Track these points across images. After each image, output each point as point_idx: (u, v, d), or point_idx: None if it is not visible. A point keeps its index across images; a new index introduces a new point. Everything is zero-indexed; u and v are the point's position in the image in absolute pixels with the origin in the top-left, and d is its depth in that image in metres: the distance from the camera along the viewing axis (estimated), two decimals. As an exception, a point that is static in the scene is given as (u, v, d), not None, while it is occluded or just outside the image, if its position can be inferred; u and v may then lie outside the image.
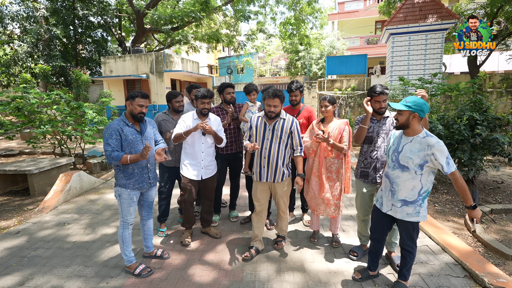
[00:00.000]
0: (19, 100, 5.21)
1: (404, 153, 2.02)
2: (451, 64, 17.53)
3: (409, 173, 2.00)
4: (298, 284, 2.31)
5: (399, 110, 1.99)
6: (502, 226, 3.33)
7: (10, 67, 14.14)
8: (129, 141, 2.35)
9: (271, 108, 2.50)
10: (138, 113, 2.35)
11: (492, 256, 2.74)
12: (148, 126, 2.52)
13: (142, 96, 2.37)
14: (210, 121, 2.83)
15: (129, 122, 2.39)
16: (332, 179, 2.75)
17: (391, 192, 2.11)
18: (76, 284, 2.34)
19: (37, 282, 2.37)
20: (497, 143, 4.06)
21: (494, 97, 11.13)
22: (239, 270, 2.50)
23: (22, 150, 8.28)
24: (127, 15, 16.40)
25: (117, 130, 2.30)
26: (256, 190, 2.71)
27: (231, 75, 20.34)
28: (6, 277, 2.45)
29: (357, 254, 2.71)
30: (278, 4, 15.85)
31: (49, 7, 14.29)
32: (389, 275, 2.44)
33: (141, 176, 2.43)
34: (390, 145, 2.19)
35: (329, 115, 2.77)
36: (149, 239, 2.69)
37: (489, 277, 2.25)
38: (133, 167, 2.39)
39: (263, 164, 2.61)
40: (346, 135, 2.71)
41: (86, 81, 10.81)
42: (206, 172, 2.89)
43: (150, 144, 2.38)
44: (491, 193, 4.37)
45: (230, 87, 3.26)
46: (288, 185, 2.70)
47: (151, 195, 2.59)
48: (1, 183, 4.80)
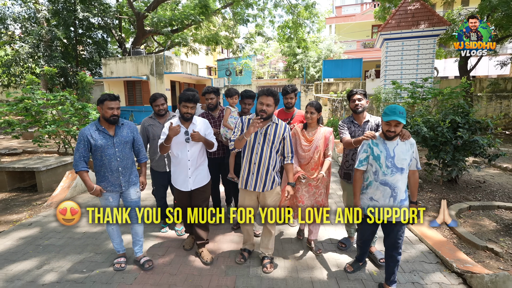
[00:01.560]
0: (27, 101, 5.45)
1: (398, 156, 2.10)
2: (445, 68, 17.93)
3: (405, 173, 2.14)
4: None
5: (399, 123, 2.03)
6: (478, 221, 3.63)
7: (11, 67, 14.35)
8: (99, 146, 2.35)
9: (263, 106, 2.33)
10: (110, 116, 2.34)
11: (464, 246, 3.03)
12: (125, 130, 2.49)
13: (111, 98, 2.35)
14: (195, 125, 2.60)
15: (101, 126, 2.39)
16: (317, 186, 2.71)
17: (393, 198, 2.14)
18: (89, 267, 2.60)
19: (53, 266, 2.63)
20: (477, 144, 4.36)
21: (484, 101, 11.51)
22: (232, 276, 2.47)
23: (25, 149, 8.49)
24: (127, 17, 16.64)
25: (86, 136, 2.34)
26: (244, 200, 2.56)
27: (229, 77, 20.63)
28: (25, 261, 2.70)
29: (345, 245, 2.92)
30: (277, 7, 16.18)
31: (50, 8, 14.51)
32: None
33: (112, 180, 2.43)
34: (376, 154, 2.15)
35: (314, 122, 2.69)
36: (136, 244, 2.65)
37: (458, 263, 2.53)
38: (104, 170, 2.41)
39: (253, 170, 2.43)
40: (330, 145, 2.71)
41: (90, 82, 11.08)
42: (195, 181, 2.64)
43: (123, 148, 2.43)
44: (472, 191, 4.67)
45: (212, 93, 3.18)
46: (277, 195, 2.54)
47: (129, 195, 2.53)
48: (10, 180, 5.03)
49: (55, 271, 2.56)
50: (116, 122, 2.40)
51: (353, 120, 2.69)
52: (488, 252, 2.88)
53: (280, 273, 2.54)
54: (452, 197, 4.38)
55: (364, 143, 2.25)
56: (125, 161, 2.46)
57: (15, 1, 15.13)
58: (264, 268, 2.55)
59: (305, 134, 2.72)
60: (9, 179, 5.03)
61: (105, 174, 2.41)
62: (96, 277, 2.47)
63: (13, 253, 2.87)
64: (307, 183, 2.71)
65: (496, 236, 3.21)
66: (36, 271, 2.56)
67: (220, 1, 16.69)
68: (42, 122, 5.87)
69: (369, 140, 2.21)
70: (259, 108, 2.36)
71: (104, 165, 2.41)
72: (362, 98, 2.60)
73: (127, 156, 2.48)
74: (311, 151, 2.66)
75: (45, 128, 5.65)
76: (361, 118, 2.66)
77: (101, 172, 2.42)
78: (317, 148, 2.64)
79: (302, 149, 2.69)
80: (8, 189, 5.00)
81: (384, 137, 2.15)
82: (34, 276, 2.49)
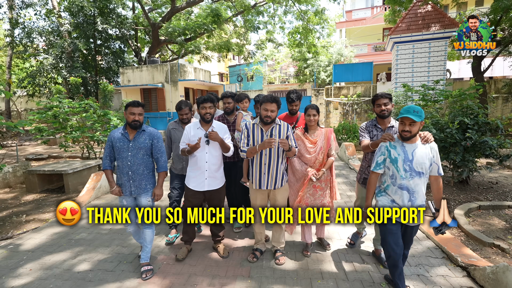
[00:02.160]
0: (56, 109, 5.90)
1: (417, 160, 2.02)
2: (460, 69, 17.65)
3: (424, 177, 2.07)
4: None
5: (413, 121, 1.98)
6: (487, 220, 3.68)
7: (36, 77, 15.23)
8: (117, 148, 2.50)
9: (268, 112, 2.49)
10: (131, 121, 2.46)
11: (472, 243, 3.11)
12: (144, 136, 2.54)
13: (134, 105, 2.46)
14: (214, 128, 2.71)
15: (125, 130, 2.54)
16: (321, 188, 2.78)
17: (411, 202, 2.08)
18: (117, 258, 2.87)
19: (85, 257, 2.91)
20: (487, 145, 4.40)
21: (499, 102, 11.30)
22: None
23: (50, 154, 9.04)
24: (143, 27, 17.36)
25: (111, 137, 2.52)
26: (256, 199, 2.72)
27: (241, 83, 21.03)
28: (60, 253, 3.01)
29: (354, 242, 2.98)
30: (287, 14, 16.48)
31: (72, 21, 15.37)
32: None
33: (123, 182, 2.54)
34: (394, 157, 2.09)
35: (315, 123, 2.78)
36: (143, 250, 2.67)
37: (463, 257, 2.64)
38: (119, 172, 2.56)
39: (264, 171, 2.60)
40: (333, 144, 2.76)
41: (112, 91, 11.69)
42: (211, 183, 2.72)
43: (137, 154, 2.49)
44: (484, 192, 4.69)
45: (230, 97, 3.15)
46: (286, 190, 2.75)
47: (140, 203, 2.58)
48: (40, 182, 5.44)
49: (88, 261, 2.84)
50: (137, 128, 2.49)
51: (376, 124, 2.62)
52: (495, 249, 2.96)
53: (292, 265, 2.72)
54: (462, 197, 4.43)
55: (381, 145, 2.18)
56: (135, 166, 2.50)
57: (39, 16, 16.15)
58: (276, 260, 2.73)
59: (308, 136, 2.78)
60: (39, 181, 5.44)
61: (119, 175, 2.56)
62: (124, 266, 2.73)
63: (49, 246, 3.18)
64: (311, 185, 2.77)
65: (505, 234, 3.27)
66: (71, 261, 2.85)
67: (232, 10, 17.17)
68: (68, 128, 6.30)
69: (387, 142, 2.15)
70: (263, 114, 2.52)
71: (119, 167, 2.56)
72: (388, 102, 2.51)
73: (138, 162, 2.51)
74: (316, 152, 2.74)
75: (71, 134, 6.07)
76: (386, 123, 2.57)
77: (118, 173, 2.59)
78: (321, 149, 2.73)
79: (307, 152, 2.76)
80: (38, 191, 5.40)
81: (401, 138, 2.08)
82: (69, 265, 2.78)
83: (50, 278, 2.57)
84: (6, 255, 3.00)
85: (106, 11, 15.32)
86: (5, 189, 5.68)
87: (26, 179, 5.45)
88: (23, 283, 2.50)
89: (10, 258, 2.93)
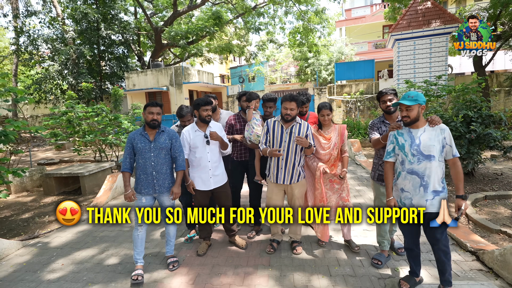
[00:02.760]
0: (70, 114, 6.09)
1: (424, 143, 2.03)
2: (461, 64, 17.74)
3: (435, 160, 2.02)
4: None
5: (408, 106, 2.04)
6: (493, 209, 3.81)
7: (42, 84, 15.49)
8: (138, 149, 2.55)
9: (288, 111, 2.64)
10: (150, 121, 2.54)
11: (479, 231, 3.24)
12: (164, 137, 2.63)
13: (152, 105, 2.57)
14: (211, 128, 2.83)
15: (145, 131, 2.61)
16: (338, 181, 2.86)
17: (423, 187, 2.05)
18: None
19: (112, 252, 3.07)
20: (491, 137, 4.52)
21: (502, 95, 11.39)
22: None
23: (61, 159, 9.24)
24: (146, 32, 17.60)
25: (131, 139, 2.58)
26: (272, 193, 2.84)
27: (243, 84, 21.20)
28: (88, 249, 3.18)
29: (381, 262, 2.59)
30: (287, 14, 16.66)
31: (76, 28, 15.63)
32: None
33: (146, 182, 2.58)
34: (401, 143, 2.14)
35: (329, 122, 2.87)
36: (167, 244, 2.79)
37: (471, 243, 2.77)
38: (140, 173, 2.58)
39: (281, 166, 2.73)
40: (346, 140, 2.85)
41: (122, 95, 12.01)
42: (216, 181, 2.85)
43: (159, 154, 2.57)
44: (489, 183, 4.82)
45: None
46: (303, 185, 2.84)
47: (163, 201, 2.68)
48: (57, 185, 5.62)
49: (115, 255, 3.00)
50: (156, 127, 2.57)
51: (384, 120, 2.64)
52: (502, 235, 3.09)
53: (309, 255, 2.86)
54: (468, 189, 4.55)
55: (390, 134, 2.25)
56: (159, 166, 2.58)
57: (44, 23, 16.43)
58: (294, 250, 2.89)
59: (322, 133, 2.89)
60: (56, 184, 5.62)
61: (141, 176, 2.59)
62: (150, 259, 2.89)
63: (76, 243, 3.35)
64: (328, 179, 2.87)
65: (511, 221, 3.40)
66: (99, 255, 3.01)
67: (232, 12, 17.38)
68: (81, 132, 6.49)
69: (395, 131, 2.22)
70: (283, 113, 2.67)
71: (140, 167, 2.59)
72: (394, 98, 2.54)
73: (161, 161, 2.60)
74: (331, 147, 2.83)
75: (84, 138, 6.26)
76: (394, 118, 2.58)
77: (138, 173, 2.61)
78: (335, 145, 2.82)
79: (322, 148, 2.85)
80: (55, 193, 5.58)
81: (404, 125, 2.15)
82: (98, 259, 2.94)
83: (82, 271, 2.74)
84: (37, 252, 3.17)
85: (109, 17, 15.58)
86: (22, 193, 5.87)
87: (44, 183, 5.63)
88: (58, 276, 2.66)
89: (41, 255, 3.10)
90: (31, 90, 15.46)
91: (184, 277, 2.57)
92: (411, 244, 2.24)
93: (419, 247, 2.25)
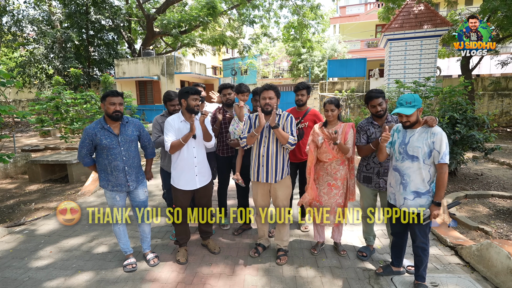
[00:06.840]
0: (58, 100, 5.92)
1: (411, 144, 2.07)
2: (449, 67, 18.19)
3: (419, 163, 2.05)
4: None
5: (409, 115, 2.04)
6: (473, 207, 4.00)
7: (25, 68, 14.91)
8: (104, 146, 2.30)
9: (266, 100, 2.45)
10: (112, 112, 2.29)
11: (459, 227, 3.41)
12: (130, 128, 2.43)
13: (113, 94, 2.29)
14: (197, 120, 2.56)
15: (106, 124, 2.34)
16: (336, 186, 2.62)
17: (402, 185, 2.11)
18: (133, 241, 3.03)
19: (102, 240, 3.07)
20: (474, 139, 4.71)
21: (486, 99, 11.80)
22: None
23: (46, 146, 9.00)
24: (138, 19, 17.13)
25: (91, 135, 2.30)
26: (257, 195, 2.67)
27: (235, 77, 21.06)
28: (77, 237, 3.16)
29: (366, 255, 2.68)
30: (282, 8, 16.56)
31: (64, 11, 15.04)
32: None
33: (118, 179, 2.38)
34: (394, 139, 2.21)
35: (335, 118, 2.61)
36: (143, 241, 2.69)
37: (451, 239, 2.92)
38: (111, 169, 2.35)
39: (262, 163, 2.53)
40: (351, 138, 2.54)
41: (112, 82, 11.74)
42: (201, 179, 2.62)
43: (129, 147, 2.38)
44: (470, 183, 5.04)
45: (230, 89, 3.01)
46: (288, 186, 2.65)
47: (137, 196, 2.53)
48: (43, 172, 5.50)
49: (105, 244, 3.00)
50: (119, 119, 2.34)
51: (372, 121, 2.55)
52: (479, 232, 3.26)
53: (297, 250, 2.94)
54: (450, 187, 4.75)
55: (392, 129, 2.29)
56: (130, 160, 2.41)
57: (29, 4, 15.72)
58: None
59: (324, 131, 2.59)
60: (43, 171, 5.50)
61: (112, 173, 2.35)
62: (140, 248, 2.90)
63: (64, 231, 3.31)
64: (326, 183, 2.64)
65: (488, 219, 3.59)
66: (89, 244, 3.01)
67: (227, 3, 17.11)
68: (68, 119, 6.34)
69: (395, 126, 2.29)
70: (263, 103, 2.49)
71: (110, 165, 2.35)
72: (382, 101, 2.46)
73: (132, 155, 2.43)
74: (335, 147, 2.56)
75: (72, 125, 6.12)
76: (383, 119, 2.54)
77: (107, 171, 2.36)
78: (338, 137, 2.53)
79: (327, 146, 2.60)
80: (41, 181, 5.47)
81: (403, 127, 2.17)
82: (88, 247, 2.93)
83: (71, 259, 2.73)
84: (24, 239, 3.13)
85: (99, 1, 15.05)
86: (6, 179, 5.72)
87: (29, 169, 5.50)
88: (47, 264, 2.65)
89: (28, 242, 3.06)
90: (14, 73, 14.86)
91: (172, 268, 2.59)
92: (399, 228, 2.31)
93: (404, 238, 2.34)
